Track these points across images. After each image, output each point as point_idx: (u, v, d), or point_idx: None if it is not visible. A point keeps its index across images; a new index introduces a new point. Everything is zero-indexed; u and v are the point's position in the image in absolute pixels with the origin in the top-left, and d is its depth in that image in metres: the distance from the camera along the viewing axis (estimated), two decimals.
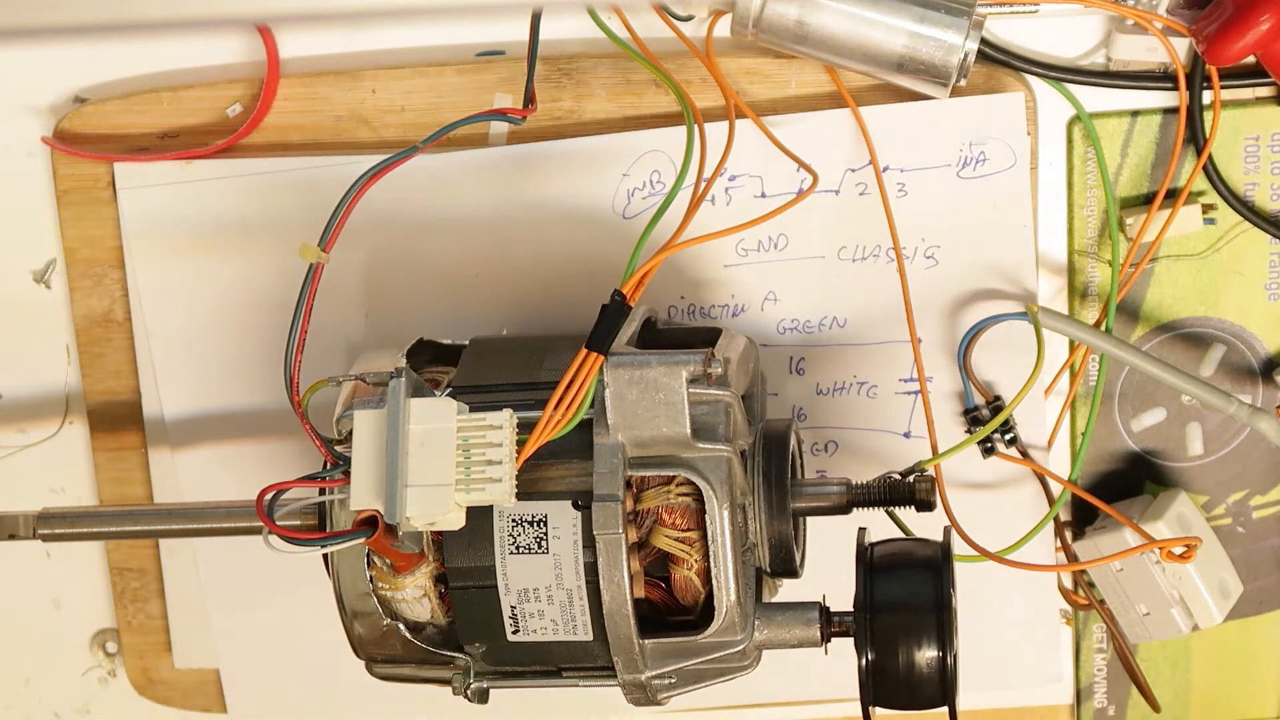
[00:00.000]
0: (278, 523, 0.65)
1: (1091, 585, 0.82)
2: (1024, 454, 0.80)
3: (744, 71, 0.78)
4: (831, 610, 0.70)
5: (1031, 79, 0.78)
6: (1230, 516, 0.83)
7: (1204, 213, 0.79)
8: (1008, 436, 0.80)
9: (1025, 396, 0.77)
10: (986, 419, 0.79)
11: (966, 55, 0.73)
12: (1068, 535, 0.82)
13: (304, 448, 0.68)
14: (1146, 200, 0.79)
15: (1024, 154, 0.77)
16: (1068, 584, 0.83)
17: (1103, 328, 0.79)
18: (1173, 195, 0.79)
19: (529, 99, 0.75)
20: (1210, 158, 0.78)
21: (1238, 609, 0.82)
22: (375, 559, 0.69)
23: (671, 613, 0.70)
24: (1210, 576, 0.80)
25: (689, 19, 0.76)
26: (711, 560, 0.67)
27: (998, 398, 0.80)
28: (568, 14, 0.78)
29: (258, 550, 0.65)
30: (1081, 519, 0.82)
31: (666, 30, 0.77)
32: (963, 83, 0.74)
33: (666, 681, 0.70)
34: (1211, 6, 0.74)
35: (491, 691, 0.71)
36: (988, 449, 0.80)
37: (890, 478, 0.72)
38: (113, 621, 0.88)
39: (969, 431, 0.80)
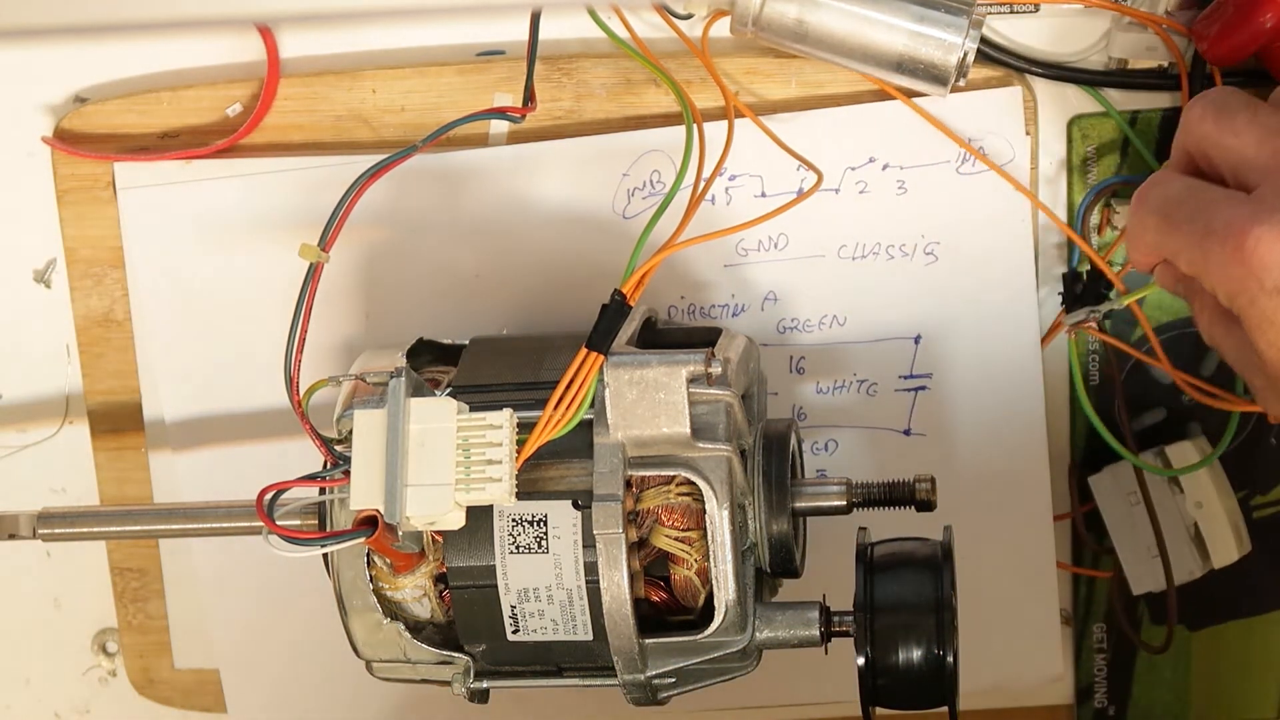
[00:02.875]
0: (278, 523, 0.65)
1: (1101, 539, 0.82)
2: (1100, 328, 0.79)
3: (744, 71, 0.78)
4: (831, 610, 0.70)
5: (1031, 78, 0.78)
6: None
7: None
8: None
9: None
10: (1085, 282, 0.78)
11: (966, 54, 0.73)
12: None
13: (304, 448, 0.68)
14: None
15: (1023, 149, 0.77)
16: (1068, 587, 0.84)
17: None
18: None
19: (528, 98, 0.75)
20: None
21: (1238, 609, 0.82)
22: (375, 559, 0.69)
23: (671, 613, 0.70)
24: (1229, 510, 0.79)
25: (689, 17, 0.76)
26: (711, 560, 0.67)
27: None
28: (568, 14, 0.78)
29: (258, 550, 0.65)
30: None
31: (667, 30, 0.77)
32: (962, 82, 0.74)
33: (667, 681, 0.70)
34: (1212, 6, 0.74)
35: (491, 691, 0.71)
36: (1089, 308, 0.78)
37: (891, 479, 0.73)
38: (113, 621, 0.88)
39: (1063, 294, 0.79)
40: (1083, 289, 0.78)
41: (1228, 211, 0.64)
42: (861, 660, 0.68)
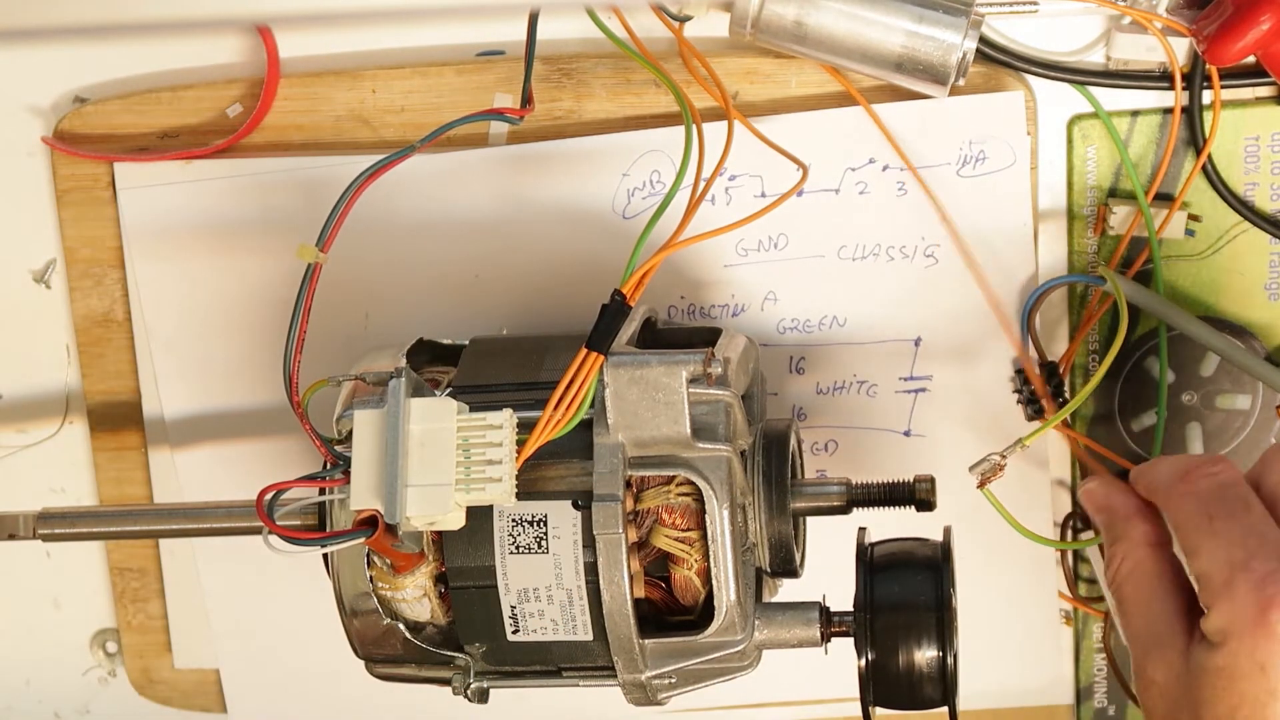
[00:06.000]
0: (278, 523, 0.65)
1: (1092, 581, 0.82)
2: (1069, 424, 0.80)
3: (744, 72, 0.78)
4: (831, 610, 0.70)
5: (1031, 78, 0.78)
6: None
7: (1188, 223, 0.78)
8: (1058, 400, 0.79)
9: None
10: (1041, 380, 0.78)
11: (965, 54, 0.73)
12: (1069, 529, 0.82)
13: (304, 448, 0.68)
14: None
15: (1024, 153, 0.77)
16: (1065, 591, 0.84)
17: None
18: (1168, 196, 0.79)
19: (526, 99, 0.75)
20: (1210, 157, 0.78)
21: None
22: (375, 559, 0.69)
23: (671, 613, 0.70)
24: None
25: (687, 19, 0.76)
26: (711, 560, 0.67)
27: (1050, 361, 0.79)
28: (567, 14, 0.78)
29: (258, 550, 0.65)
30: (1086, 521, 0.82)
31: (666, 30, 0.76)
32: (961, 82, 0.74)
33: (666, 681, 0.70)
34: (1211, 6, 0.74)
35: (491, 691, 0.71)
36: (1037, 410, 0.79)
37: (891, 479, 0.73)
38: (113, 621, 0.88)
39: (1018, 391, 0.79)
40: (1033, 389, 0.79)
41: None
42: (862, 660, 0.68)
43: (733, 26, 0.74)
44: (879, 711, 0.69)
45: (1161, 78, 0.77)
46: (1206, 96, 0.77)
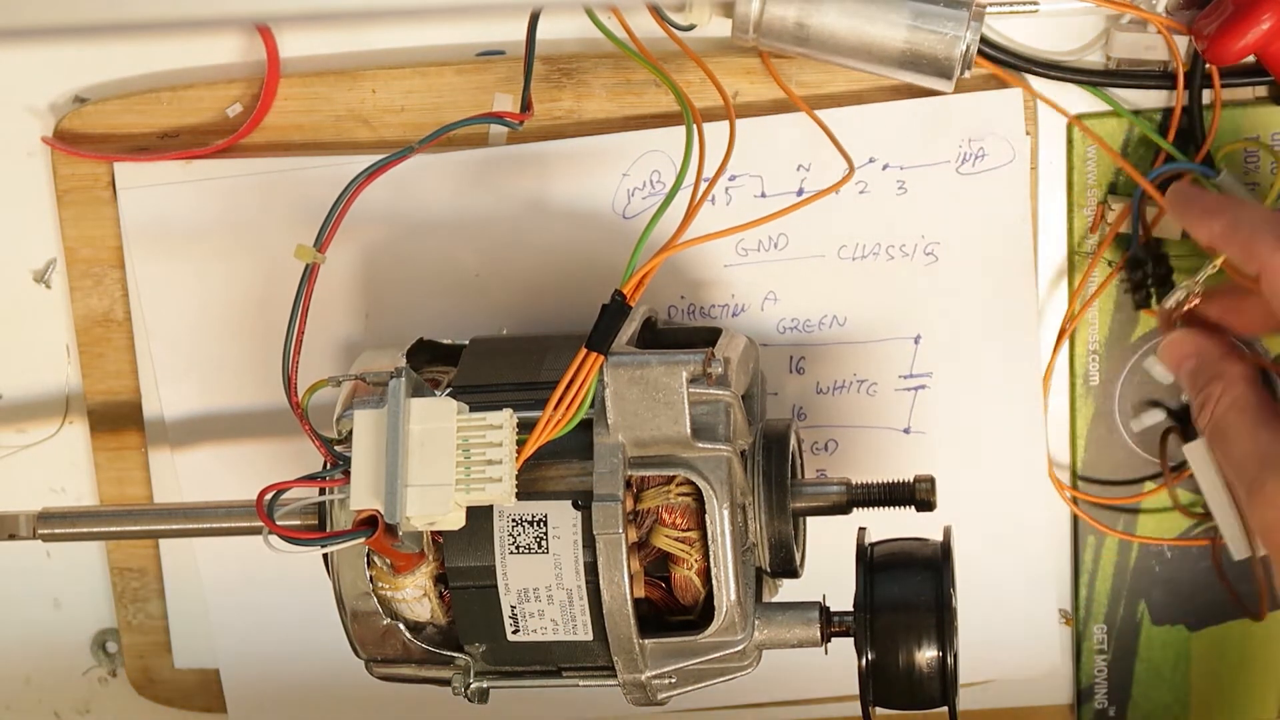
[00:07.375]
0: (278, 523, 0.65)
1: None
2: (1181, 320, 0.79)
3: (744, 71, 0.78)
4: (831, 610, 0.70)
5: (1031, 78, 0.78)
6: None
7: None
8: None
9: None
10: (1147, 263, 0.78)
11: (969, 46, 0.73)
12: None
13: (304, 448, 0.68)
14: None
15: (1023, 149, 0.77)
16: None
17: None
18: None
19: (525, 104, 0.75)
20: (1210, 157, 0.78)
21: (1238, 610, 0.82)
22: (375, 559, 0.69)
23: (671, 612, 0.70)
24: None
25: (690, 28, 0.76)
26: (711, 560, 0.67)
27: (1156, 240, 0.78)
28: (567, 14, 0.78)
29: (258, 550, 0.65)
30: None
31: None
32: (967, 74, 0.74)
33: (666, 681, 0.70)
34: (1211, 6, 0.74)
35: (491, 691, 0.72)
36: (1141, 300, 0.79)
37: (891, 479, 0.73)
38: (113, 621, 0.88)
39: (1128, 279, 0.79)
40: (1143, 274, 0.78)
41: None
42: (862, 660, 0.68)
43: (735, 32, 0.74)
44: (879, 711, 0.69)
45: (1161, 77, 0.77)
46: (1206, 96, 0.77)
